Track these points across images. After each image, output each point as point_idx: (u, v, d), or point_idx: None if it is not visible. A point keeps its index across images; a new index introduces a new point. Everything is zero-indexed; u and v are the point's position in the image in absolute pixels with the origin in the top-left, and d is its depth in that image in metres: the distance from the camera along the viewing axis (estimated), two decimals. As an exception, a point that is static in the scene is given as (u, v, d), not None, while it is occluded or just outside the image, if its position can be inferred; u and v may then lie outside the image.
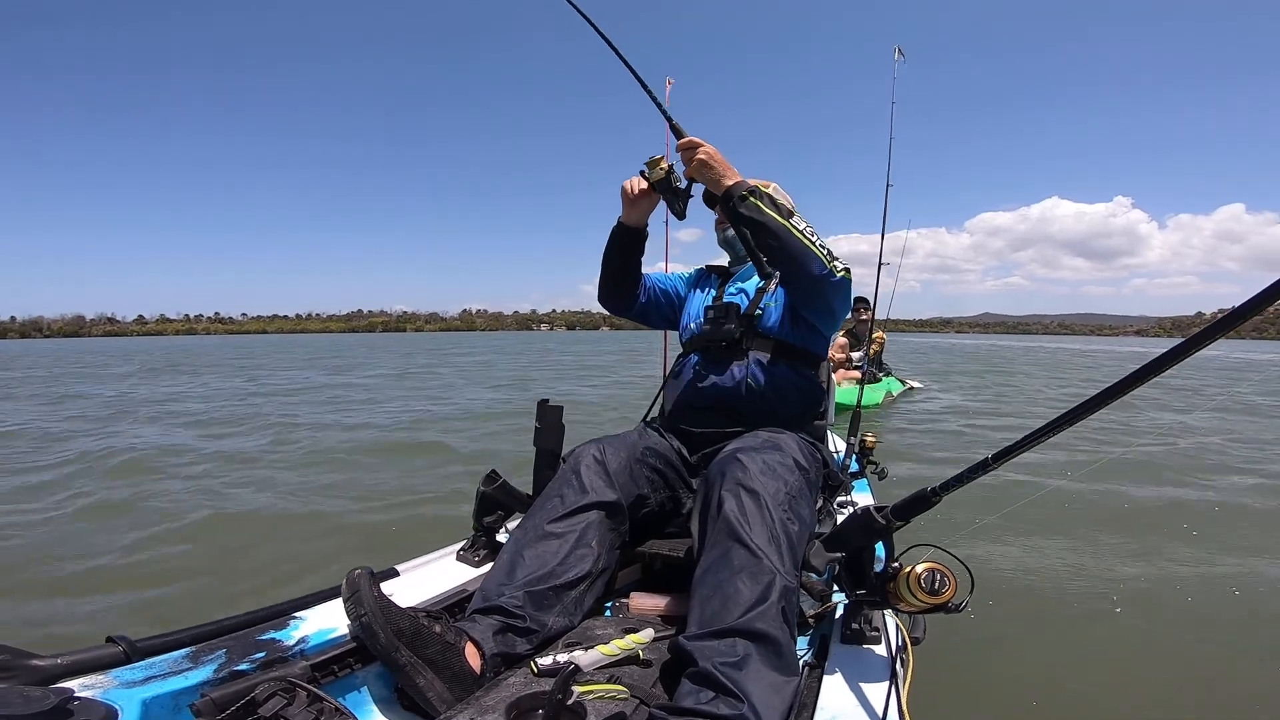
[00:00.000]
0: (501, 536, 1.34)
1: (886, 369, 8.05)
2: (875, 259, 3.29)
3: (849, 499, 1.62)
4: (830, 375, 1.60)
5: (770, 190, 1.43)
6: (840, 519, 1.38)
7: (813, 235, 1.31)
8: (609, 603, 1.27)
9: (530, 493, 1.36)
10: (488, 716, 0.83)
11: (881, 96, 2.84)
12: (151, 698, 0.74)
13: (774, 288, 1.34)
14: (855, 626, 0.99)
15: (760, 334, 1.45)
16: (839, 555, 1.02)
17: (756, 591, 0.89)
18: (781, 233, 1.28)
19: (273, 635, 0.91)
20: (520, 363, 17.19)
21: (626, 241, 1.57)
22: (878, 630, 0.99)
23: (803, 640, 1.09)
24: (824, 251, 1.31)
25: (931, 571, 0.88)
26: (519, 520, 1.24)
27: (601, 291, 1.69)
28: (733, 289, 1.57)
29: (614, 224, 1.56)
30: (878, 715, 0.81)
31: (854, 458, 2.05)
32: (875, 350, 7.23)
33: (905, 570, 0.90)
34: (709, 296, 1.61)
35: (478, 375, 12.41)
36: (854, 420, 2.25)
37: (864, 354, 5.17)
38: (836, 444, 2.24)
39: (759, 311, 1.46)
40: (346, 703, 0.88)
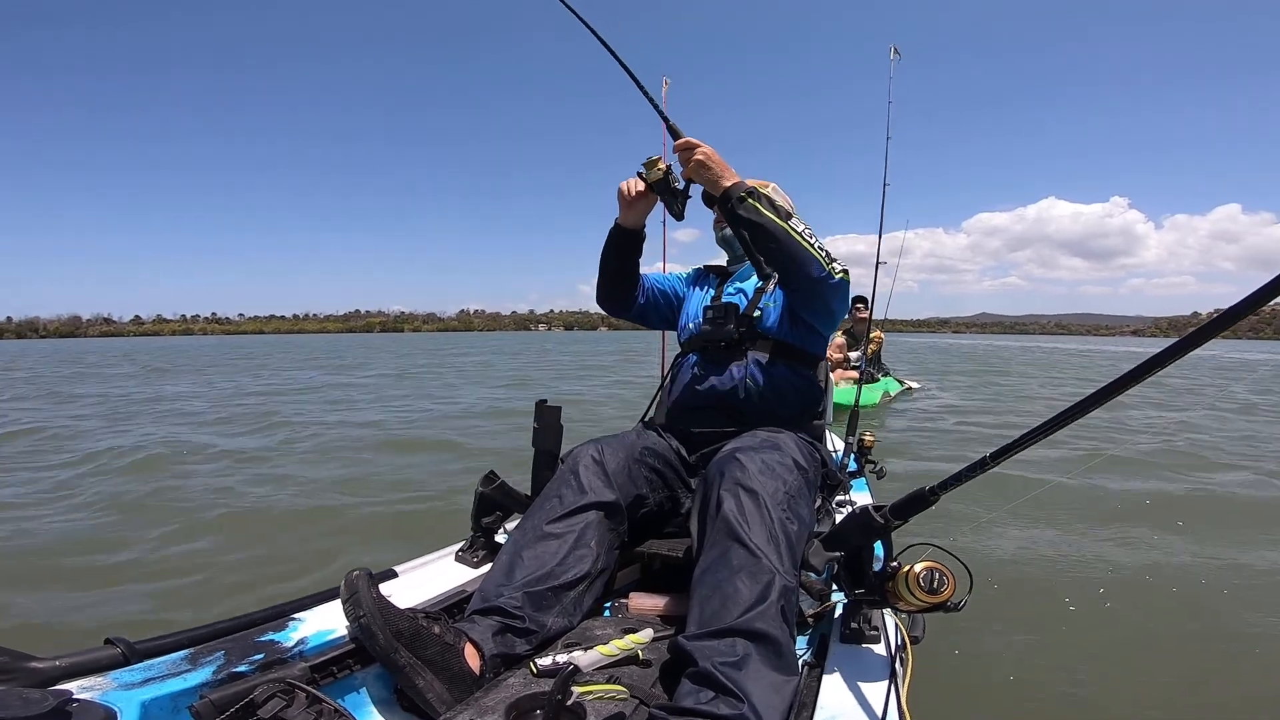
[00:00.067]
0: (500, 537, 1.34)
1: (885, 369, 8.04)
2: (873, 259, 3.29)
3: (847, 498, 1.62)
4: (828, 375, 1.60)
5: (769, 191, 1.43)
6: (839, 518, 1.38)
7: (811, 237, 1.31)
8: (608, 603, 1.27)
9: (529, 493, 1.36)
10: (487, 717, 0.83)
11: (880, 96, 2.85)
12: (150, 699, 0.74)
13: (772, 288, 1.34)
14: (854, 626, 0.99)
15: (759, 334, 1.45)
16: (838, 554, 1.02)
17: (756, 591, 0.89)
18: (780, 234, 1.27)
19: (272, 637, 0.91)
20: (519, 363, 17.21)
21: (624, 243, 1.56)
22: (877, 629, 0.99)
23: (802, 640, 1.09)
24: (822, 253, 1.31)
25: (930, 570, 0.88)
26: (518, 521, 1.24)
27: (600, 293, 1.69)
28: (731, 289, 1.57)
29: (611, 225, 1.56)
30: (877, 714, 0.81)
31: (852, 457, 2.05)
32: (873, 350, 7.23)
33: (904, 569, 0.90)
34: (707, 296, 1.61)
35: (478, 375, 12.42)
36: (852, 420, 2.26)
37: (862, 353, 5.17)
38: (835, 443, 2.25)
39: (758, 312, 1.46)
40: (346, 704, 0.88)
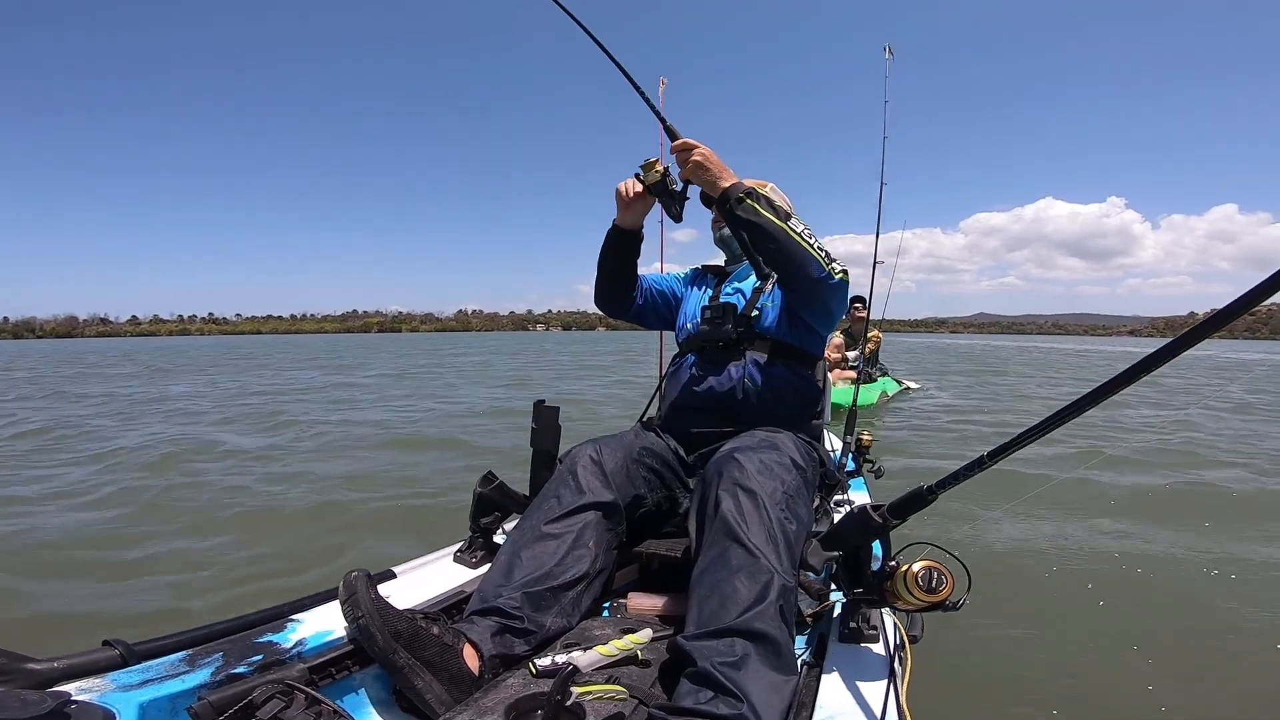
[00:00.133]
0: (499, 538, 1.34)
1: (883, 369, 8.04)
2: (871, 259, 3.29)
3: (846, 498, 1.62)
4: (826, 375, 1.61)
5: (767, 190, 1.43)
6: (837, 518, 1.38)
7: (810, 237, 1.31)
8: (607, 603, 1.27)
9: (527, 493, 1.36)
10: (486, 718, 0.83)
11: (879, 96, 2.85)
12: (149, 701, 0.74)
13: (770, 288, 1.33)
14: (853, 625, 1.00)
15: (757, 334, 1.45)
16: (836, 554, 1.02)
17: (754, 591, 0.89)
18: (779, 235, 1.27)
19: (270, 638, 0.91)
20: (519, 363, 17.25)
21: (622, 244, 1.56)
22: (876, 629, 1.00)
23: (801, 639, 1.09)
24: (822, 254, 1.31)
25: (928, 570, 0.88)
26: (516, 521, 1.24)
27: (598, 294, 1.69)
28: (729, 289, 1.57)
29: (609, 226, 1.55)
30: (876, 714, 0.81)
31: (850, 456, 2.05)
32: (871, 349, 7.24)
33: (902, 568, 0.91)
34: (705, 297, 1.61)
35: (479, 375, 12.45)
36: (850, 419, 2.26)
37: (859, 353, 5.17)
38: (833, 443, 2.25)
39: (756, 312, 1.46)
40: (344, 705, 0.87)
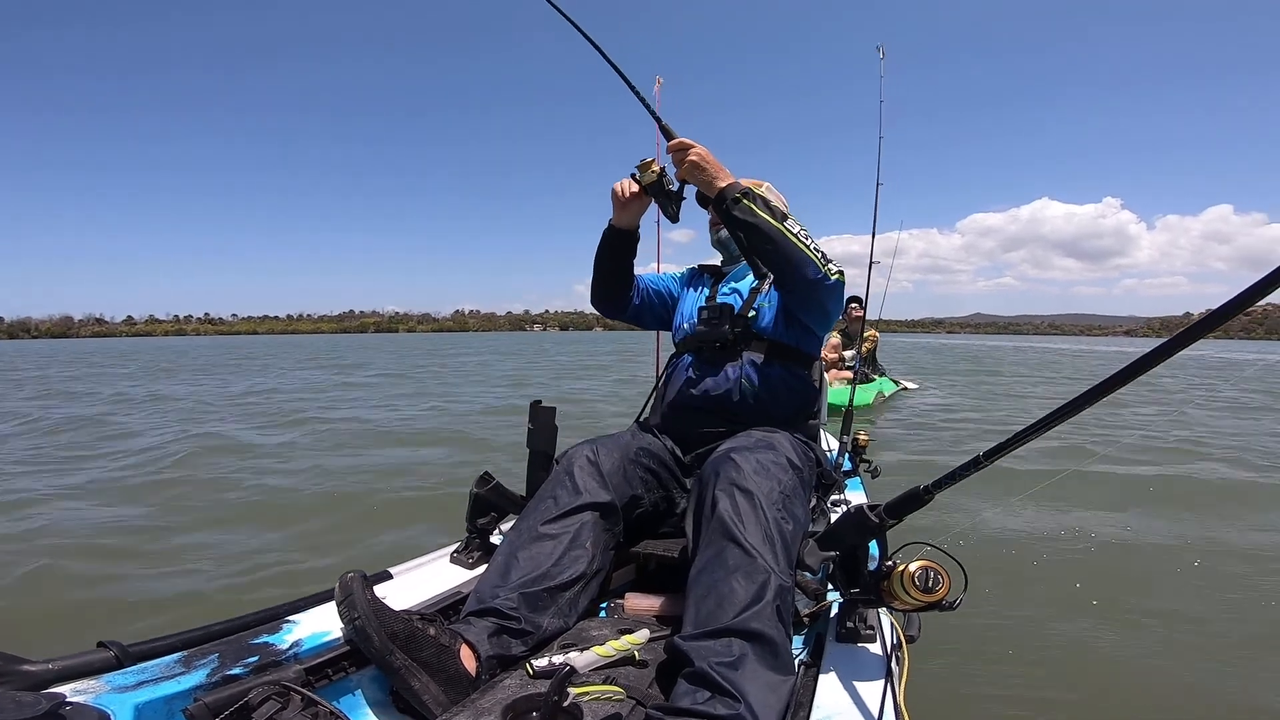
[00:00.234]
0: (495, 538, 1.34)
1: (880, 369, 8.04)
2: (868, 259, 3.30)
3: (842, 498, 1.62)
4: (823, 375, 1.61)
5: (763, 190, 1.43)
6: (834, 518, 1.38)
7: (807, 238, 1.31)
8: (604, 603, 1.27)
9: (524, 494, 1.36)
10: (484, 719, 0.83)
11: (876, 96, 2.87)
12: (144, 702, 0.74)
13: (767, 288, 1.33)
14: (850, 625, 1.00)
15: (754, 335, 1.45)
16: (833, 554, 1.02)
17: (751, 591, 0.89)
18: (776, 236, 1.27)
19: (266, 639, 0.90)
20: (520, 363, 17.34)
21: (618, 244, 1.56)
22: (873, 629, 1.00)
23: (798, 639, 1.09)
24: (818, 255, 1.31)
25: (925, 569, 0.88)
26: (513, 522, 1.24)
27: (594, 294, 1.68)
28: (726, 289, 1.57)
29: (605, 227, 1.55)
30: (873, 714, 0.81)
31: (847, 456, 2.05)
32: (867, 349, 7.25)
33: (899, 568, 0.91)
34: (702, 297, 1.60)
35: (480, 375, 12.54)
36: (846, 419, 2.26)
37: (856, 352, 5.18)
38: (829, 443, 2.25)
39: (752, 312, 1.46)
40: (341, 706, 0.87)
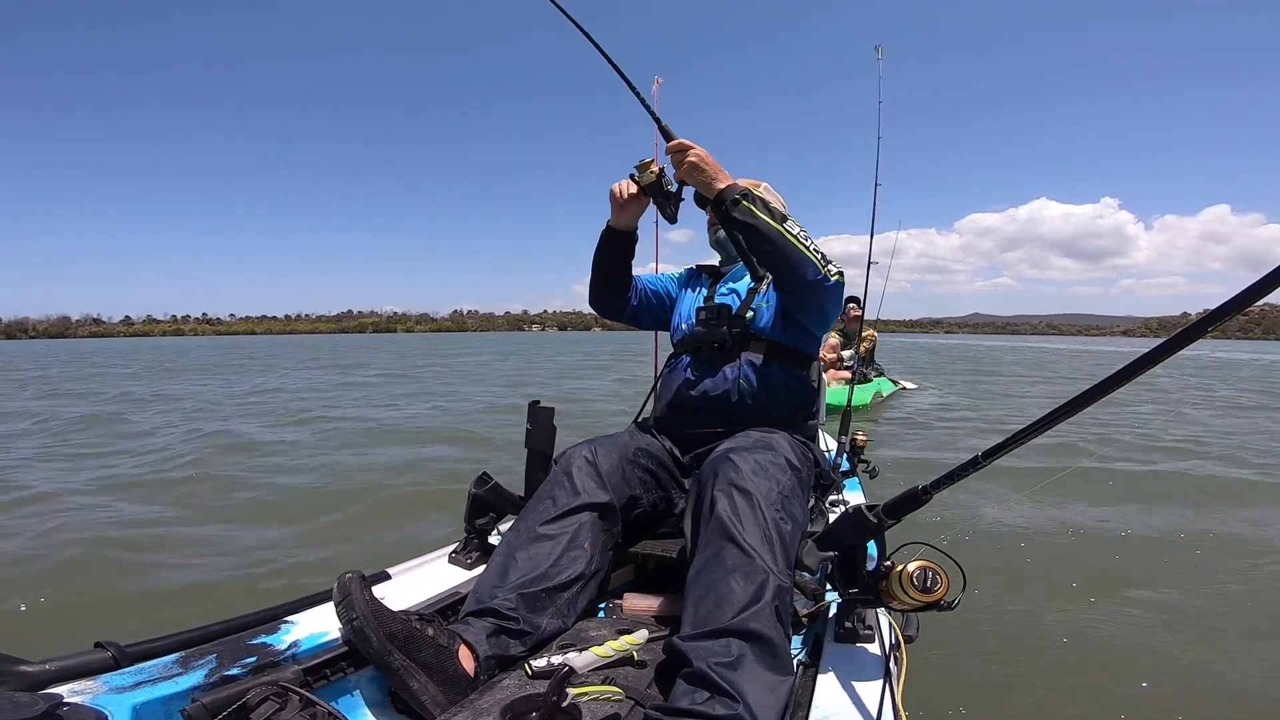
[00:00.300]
0: (494, 539, 1.34)
1: (878, 368, 8.04)
2: (866, 259, 3.30)
3: (841, 498, 1.62)
4: (821, 375, 1.61)
5: (761, 191, 1.43)
6: (832, 518, 1.38)
7: (806, 239, 1.31)
8: (602, 604, 1.26)
9: (522, 494, 1.36)
10: (482, 719, 0.83)
11: (874, 96, 2.88)
12: (142, 703, 0.73)
13: (765, 289, 1.33)
14: (849, 625, 1.00)
15: (752, 335, 1.45)
16: (832, 554, 1.03)
17: (750, 591, 0.89)
18: (775, 237, 1.27)
19: (264, 639, 0.90)
20: (521, 362, 17.41)
21: (616, 245, 1.56)
22: (871, 629, 1.00)
23: (797, 639, 1.09)
24: (817, 255, 1.31)
25: (923, 569, 0.89)
26: (511, 522, 1.24)
27: (592, 295, 1.68)
28: (724, 289, 1.57)
29: (604, 227, 1.55)
30: (872, 713, 0.81)
31: (845, 457, 2.06)
32: (866, 349, 7.25)
33: (897, 568, 0.91)
34: (700, 297, 1.60)
35: (480, 375, 12.56)
36: (844, 419, 2.27)
37: (854, 352, 5.18)
38: (828, 443, 2.25)
39: (750, 313, 1.46)
40: (339, 707, 0.87)
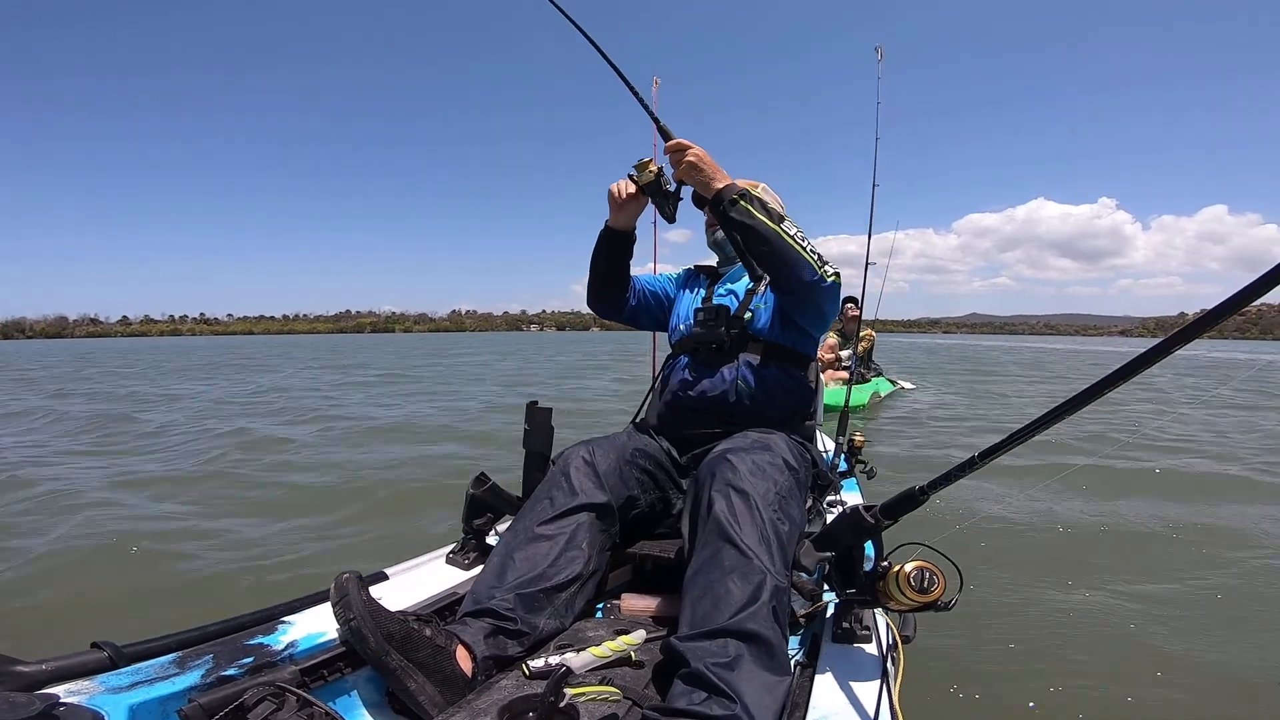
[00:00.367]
0: (491, 539, 1.34)
1: (877, 369, 8.04)
2: (864, 259, 3.29)
3: (838, 498, 1.62)
4: (819, 376, 1.61)
5: (759, 192, 1.43)
6: (830, 518, 1.39)
7: (803, 240, 1.31)
8: (600, 604, 1.27)
9: (520, 495, 1.36)
10: None
11: (873, 97, 2.88)
12: (138, 703, 0.73)
13: (763, 289, 1.34)
14: (846, 625, 1.00)
15: (750, 336, 1.46)
16: (829, 554, 1.03)
17: (747, 592, 0.89)
18: (773, 238, 1.28)
19: (261, 640, 0.90)
20: (518, 362, 17.39)
21: (615, 245, 1.56)
22: (868, 629, 1.00)
23: (794, 640, 1.09)
24: (814, 256, 1.31)
25: (920, 570, 0.89)
26: (509, 523, 1.24)
27: (590, 295, 1.68)
28: (722, 290, 1.58)
29: (602, 227, 1.55)
30: (869, 714, 0.82)
31: (842, 457, 2.06)
32: (864, 348, 7.25)
33: (895, 569, 0.91)
34: (698, 298, 1.61)
35: (481, 375, 12.57)
36: (842, 420, 2.27)
37: (852, 352, 5.19)
38: (825, 444, 2.25)
39: (748, 314, 1.46)
40: (337, 707, 0.87)
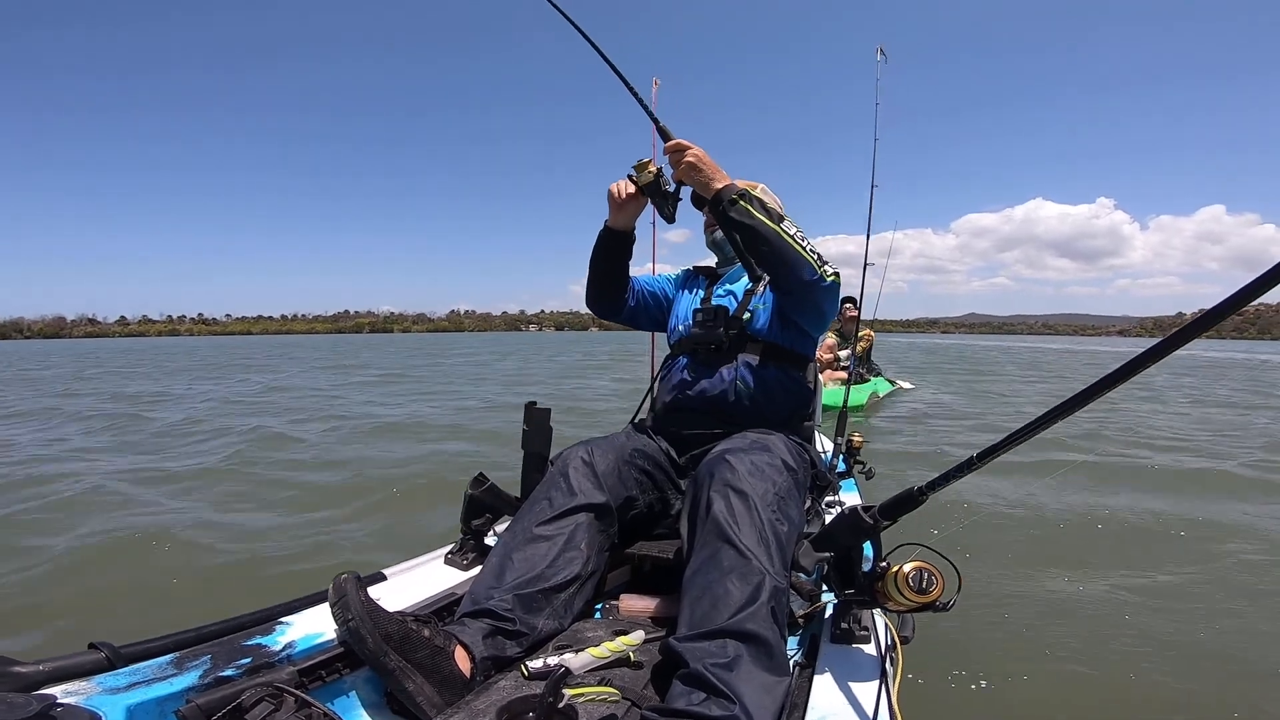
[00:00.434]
0: (490, 540, 1.33)
1: (875, 369, 8.05)
2: (863, 259, 3.30)
3: (837, 499, 1.62)
4: (818, 376, 1.61)
5: (758, 192, 1.43)
6: (828, 519, 1.39)
7: (803, 240, 1.31)
8: (599, 605, 1.27)
9: (518, 495, 1.36)
10: (478, 720, 0.83)
11: (873, 96, 2.88)
12: (136, 704, 0.73)
13: (762, 290, 1.34)
14: (845, 626, 1.00)
15: (749, 337, 1.46)
16: (828, 555, 1.03)
17: (746, 592, 0.89)
18: (772, 238, 1.28)
19: (259, 640, 0.90)
20: (518, 362, 17.43)
21: (614, 245, 1.56)
22: (867, 629, 1.00)
23: (793, 640, 1.09)
24: (814, 256, 1.31)
25: (919, 570, 0.89)
26: (507, 523, 1.24)
27: (589, 296, 1.68)
28: (720, 291, 1.58)
29: (601, 228, 1.55)
30: (868, 714, 0.82)
31: (841, 458, 2.06)
32: (862, 348, 7.26)
33: (893, 569, 0.91)
34: (696, 299, 1.60)
35: (481, 375, 12.59)
36: (840, 420, 2.27)
37: (851, 352, 5.19)
38: (824, 444, 2.26)
39: (747, 314, 1.46)
40: (335, 708, 0.87)
